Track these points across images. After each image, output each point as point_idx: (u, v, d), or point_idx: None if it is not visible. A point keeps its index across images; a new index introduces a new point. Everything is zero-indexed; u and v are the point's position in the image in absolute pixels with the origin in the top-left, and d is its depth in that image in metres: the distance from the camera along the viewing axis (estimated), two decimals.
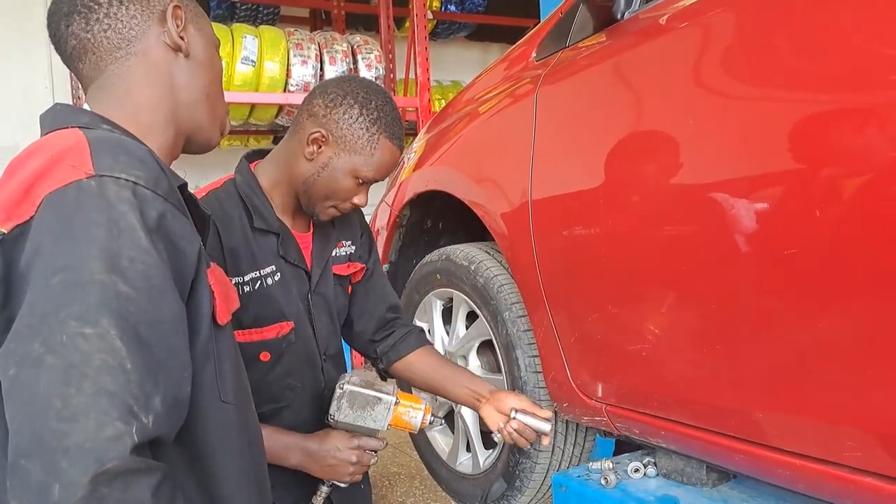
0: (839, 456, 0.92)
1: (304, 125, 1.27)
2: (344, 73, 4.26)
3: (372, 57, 4.40)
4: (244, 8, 5.48)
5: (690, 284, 1.08)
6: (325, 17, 5.97)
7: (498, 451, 1.64)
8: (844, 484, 0.92)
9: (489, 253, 1.67)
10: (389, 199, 2.06)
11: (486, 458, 1.69)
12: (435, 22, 5.93)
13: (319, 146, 1.25)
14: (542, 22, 1.63)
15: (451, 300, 1.78)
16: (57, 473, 0.60)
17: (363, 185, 1.29)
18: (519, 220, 1.44)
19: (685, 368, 1.14)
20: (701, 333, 1.09)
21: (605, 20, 1.30)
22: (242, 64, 4.02)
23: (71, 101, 4.28)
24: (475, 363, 1.73)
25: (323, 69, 4.25)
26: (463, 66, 6.08)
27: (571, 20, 1.41)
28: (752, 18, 0.99)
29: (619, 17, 1.28)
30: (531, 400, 1.41)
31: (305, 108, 1.28)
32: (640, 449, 1.44)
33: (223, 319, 0.84)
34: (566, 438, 1.57)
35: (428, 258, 1.85)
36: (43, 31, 0.88)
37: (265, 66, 4.08)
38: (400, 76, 5.16)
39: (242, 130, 5.31)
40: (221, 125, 0.96)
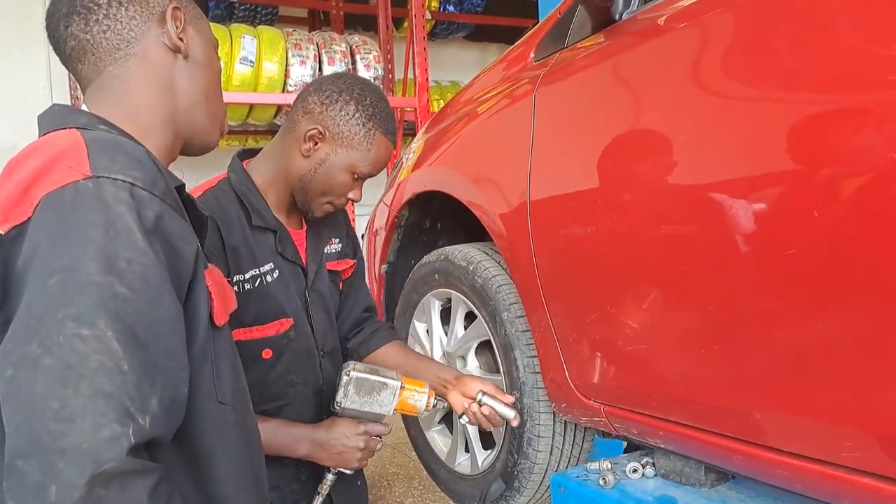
0: (838, 456, 0.91)
1: (299, 122, 1.27)
2: None
3: (370, 57, 4.40)
4: (242, 8, 5.48)
5: (689, 285, 1.08)
6: (323, 17, 5.98)
7: (497, 451, 1.64)
8: (843, 484, 0.92)
9: (487, 253, 1.66)
10: (388, 199, 2.06)
11: (484, 458, 1.69)
12: (433, 22, 5.94)
13: (316, 143, 1.26)
14: (540, 22, 1.63)
15: (449, 301, 1.78)
16: (54, 474, 0.60)
17: (359, 180, 1.31)
18: (517, 220, 1.44)
19: (683, 369, 1.14)
20: (699, 334, 1.09)
21: (603, 21, 1.30)
22: (241, 64, 4.02)
23: (69, 101, 4.28)
24: (474, 364, 1.73)
25: (321, 69, 4.25)
26: (461, 66, 6.09)
27: (570, 21, 1.41)
28: (750, 19, 0.99)
29: (617, 17, 1.28)
30: (497, 386, 1.43)
31: (300, 105, 1.29)
32: (639, 449, 1.44)
33: (221, 320, 0.84)
34: (565, 439, 1.57)
35: (426, 258, 1.85)
36: (42, 31, 0.88)
37: (264, 66, 4.08)
38: (398, 76, 5.16)
39: (241, 131, 5.31)
40: (220, 126, 0.96)
